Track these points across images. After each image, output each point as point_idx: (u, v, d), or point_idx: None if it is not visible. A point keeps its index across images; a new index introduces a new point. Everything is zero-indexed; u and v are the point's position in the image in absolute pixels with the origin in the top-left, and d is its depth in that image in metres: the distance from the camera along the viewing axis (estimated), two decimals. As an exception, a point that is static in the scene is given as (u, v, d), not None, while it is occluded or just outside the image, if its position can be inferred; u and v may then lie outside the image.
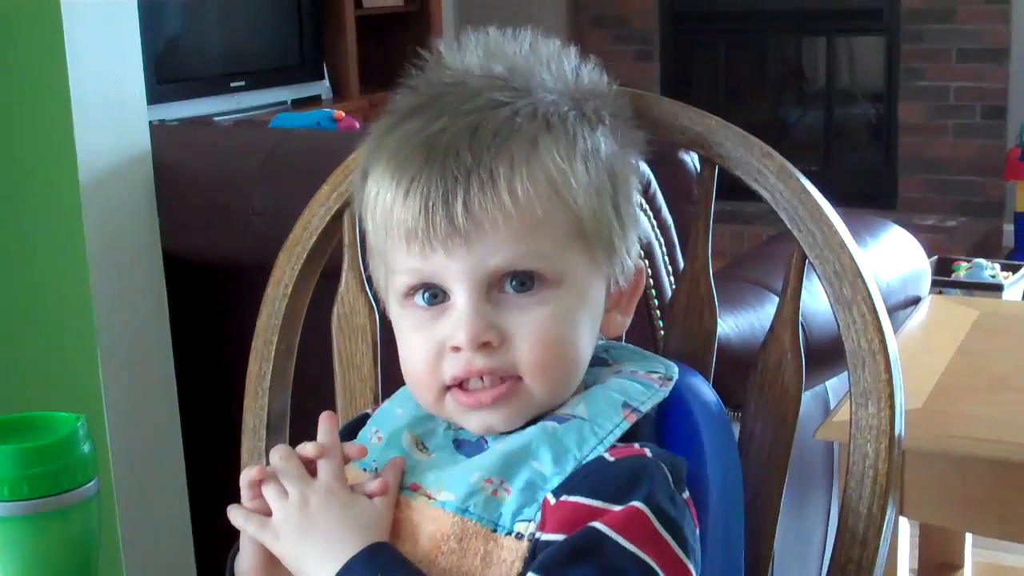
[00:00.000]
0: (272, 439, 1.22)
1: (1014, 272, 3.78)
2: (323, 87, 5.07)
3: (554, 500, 0.89)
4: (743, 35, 5.86)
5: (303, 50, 5.01)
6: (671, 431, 0.99)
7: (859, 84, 5.77)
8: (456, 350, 0.93)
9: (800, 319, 1.09)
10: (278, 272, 1.22)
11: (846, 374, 2.08)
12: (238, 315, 1.48)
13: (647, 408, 0.96)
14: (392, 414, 1.02)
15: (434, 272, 0.93)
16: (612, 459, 0.91)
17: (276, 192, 1.83)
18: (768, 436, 1.08)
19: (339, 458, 0.94)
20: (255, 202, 1.84)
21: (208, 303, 2.02)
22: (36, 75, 1.76)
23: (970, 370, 1.91)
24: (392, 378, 1.06)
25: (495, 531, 0.90)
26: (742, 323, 1.83)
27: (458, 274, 0.92)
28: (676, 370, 1.01)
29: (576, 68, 1.00)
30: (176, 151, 1.96)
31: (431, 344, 0.94)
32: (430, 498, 0.93)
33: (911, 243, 2.39)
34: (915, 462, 1.68)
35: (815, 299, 1.26)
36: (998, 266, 3.82)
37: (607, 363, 1.02)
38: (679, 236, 1.81)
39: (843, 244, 1.03)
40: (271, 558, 0.93)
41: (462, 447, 0.97)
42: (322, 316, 1.25)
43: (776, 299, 1.93)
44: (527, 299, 0.93)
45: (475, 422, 0.95)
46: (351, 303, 1.22)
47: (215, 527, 1.07)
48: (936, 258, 3.70)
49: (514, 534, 0.89)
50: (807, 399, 1.09)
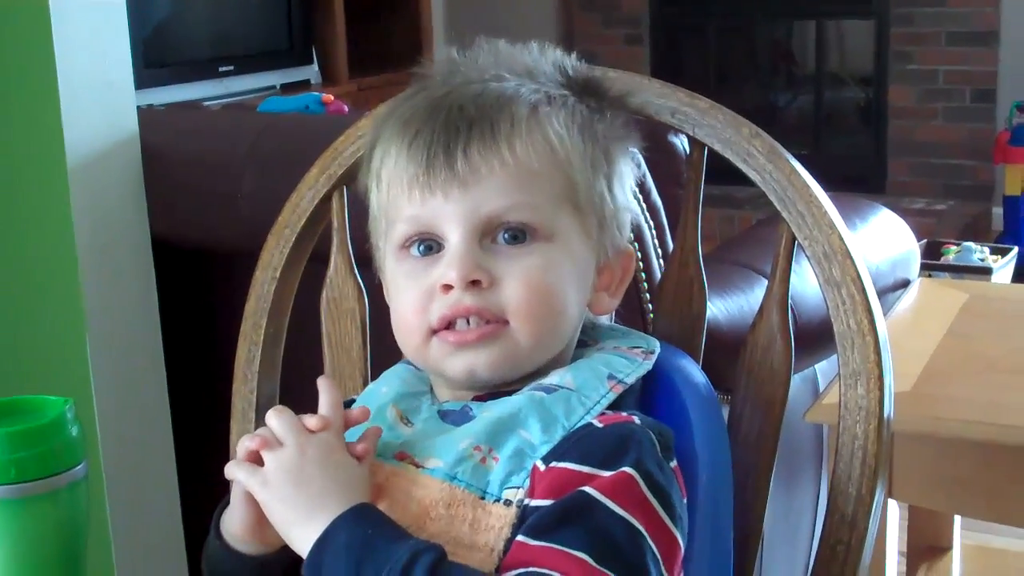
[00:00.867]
0: (261, 423, 1.22)
1: (1003, 255, 3.78)
2: (312, 71, 5.06)
3: (543, 467, 0.91)
4: (733, 19, 5.85)
5: (292, 34, 4.99)
6: (660, 412, 0.99)
7: (848, 68, 5.77)
8: (446, 289, 0.95)
9: (789, 301, 1.09)
10: (266, 255, 1.22)
11: (835, 356, 2.09)
12: (226, 298, 1.47)
13: (631, 380, 0.98)
14: (377, 392, 1.03)
15: (431, 218, 0.96)
16: (601, 425, 0.93)
17: (264, 176, 1.83)
18: (757, 418, 1.08)
19: (340, 421, 0.94)
20: (243, 186, 1.84)
21: (196, 286, 2.02)
22: (23, 59, 1.75)
23: (959, 353, 1.91)
24: (381, 361, 1.06)
25: (483, 498, 0.91)
26: (731, 306, 1.84)
27: (454, 217, 0.95)
28: (657, 344, 1.03)
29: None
30: (164, 135, 1.96)
31: (422, 288, 0.97)
32: (418, 467, 0.94)
33: (900, 226, 2.39)
34: (904, 444, 1.68)
35: (804, 281, 1.26)
36: (987, 249, 3.82)
37: (588, 344, 1.04)
38: (668, 219, 1.81)
39: (832, 224, 1.03)
40: (261, 518, 0.93)
41: (447, 417, 0.98)
42: (311, 300, 1.24)
43: (765, 281, 1.94)
44: (518, 249, 0.96)
45: (459, 365, 0.97)
46: (340, 286, 1.22)
47: (204, 510, 1.07)
48: (925, 241, 3.70)
49: (502, 501, 0.90)
50: (796, 382, 1.09)
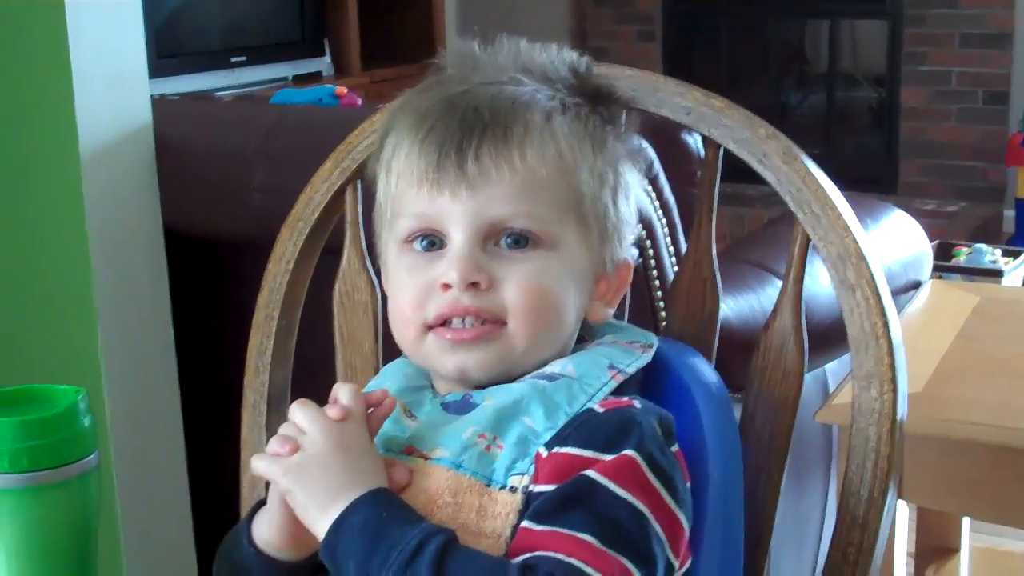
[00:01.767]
0: (272, 415, 1.22)
1: (1014, 258, 3.77)
2: (324, 63, 5.05)
3: (546, 452, 0.91)
4: (746, 17, 5.84)
5: (304, 26, 4.99)
6: (671, 410, 0.99)
7: (861, 68, 5.76)
8: (446, 288, 0.96)
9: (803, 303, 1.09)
10: (280, 248, 1.22)
11: (846, 357, 2.09)
12: (237, 290, 1.47)
13: (632, 370, 0.99)
14: (379, 388, 1.03)
15: (437, 216, 0.97)
16: (601, 411, 0.93)
17: (277, 168, 1.83)
18: (769, 418, 1.08)
19: (361, 409, 0.95)
20: (256, 177, 1.84)
21: (207, 278, 2.02)
22: (37, 48, 1.75)
23: (970, 355, 1.91)
24: (393, 354, 1.06)
25: (489, 485, 0.91)
26: (743, 305, 1.83)
27: (459, 218, 0.96)
28: (655, 339, 1.04)
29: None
30: (177, 125, 1.96)
31: (422, 283, 0.98)
32: (425, 458, 0.94)
33: (913, 227, 2.38)
34: (914, 446, 1.67)
35: (815, 281, 1.26)
36: (998, 252, 3.81)
37: (585, 339, 1.05)
38: (680, 217, 1.80)
39: (847, 227, 1.03)
40: (296, 521, 0.92)
41: (449, 408, 0.98)
42: (323, 293, 1.24)
43: (777, 281, 1.95)
44: (520, 254, 0.97)
45: (451, 363, 0.97)
46: (353, 280, 1.21)
47: (214, 501, 1.07)
48: (936, 243, 3.69)
49: (507, 488, 0.91)
50: (806, 381, 1.09)
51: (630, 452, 0.90)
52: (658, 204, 1.74)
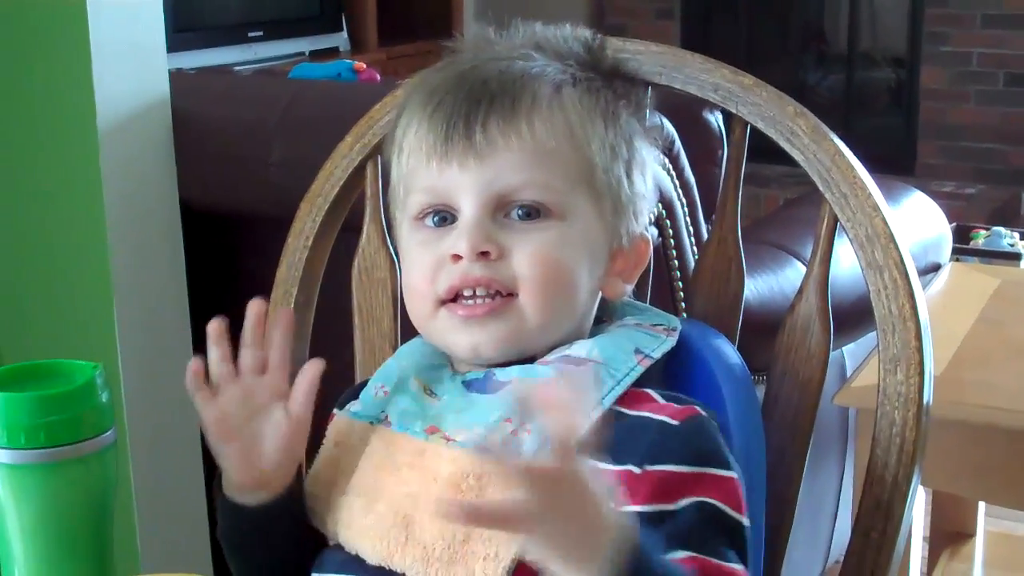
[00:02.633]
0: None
1: (1033, 241, 3.75)
2: (341, 39, 5.03)
3: (638, 471, 0.89)
4: (765, -5, 5.81)
5: (322, 1, 4.98)
6: (694, 392, 0.99)
7: (881, 48, 5.71)
8: (456, 259, 0.96)
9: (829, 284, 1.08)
10: (299, 223, 1.21)
11: (863, 339, 2.07)
12: (254, 265, 1.46)
13: (658, 355, 0.98)
14: (396, 368, 1.03)
15: (447, 188, 0.97)
16: (677, 423, 0.92)
17: (295, 143, 1.82)
18: (793, 400, 1.07)
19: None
20: (273, 152, 1.83)
21: (224, 253, 2.01)
22: (56, 22, 1.74)
23: (990, 338, 1.90)
24: (412, 332, 1.05)
25: None
26: (762, 286, 1.82)
27: (468, 188, 0.96)
28: (678, 322, 1.03)
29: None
30: (195, 99, 1.95)
31: (433, 256, 0.97)
32: (448, 440, 0.94)
33: (933, 209, 2.37)
34: (932, 429, 1.66)
35: (835, 262, 1.25)
36: (1017, 235, 3.79)
37: (604, 320, 1.04)
38: (701, 196, 1.79)
39: (876, 207, 1.02)
40: (248, 452, 0.96)
41: (471, 386, 0.97)
42: (342, 270, 1.23)
43: (796, 262, 1.94)
44: (531, 225, 0.97)
45: (464, 340, 0.97)
46: (372, 256, 1.21)
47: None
48: (955, 225, 3.67)
49: None
50: (823, 364, 1.08)
51: (732, 474, 0.91)
52: (678, 183, 1.73)
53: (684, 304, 1.54)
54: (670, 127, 1.70)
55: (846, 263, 1.12)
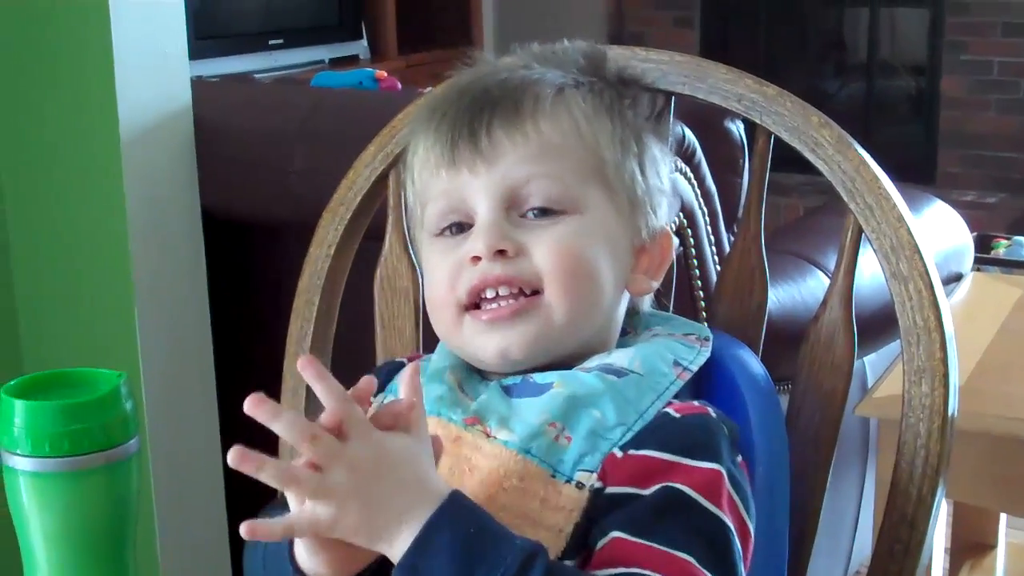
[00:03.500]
0: (312, 400, 1.21)
1: (1054, 251, 3.73)
2: (361, 47, 5.04)
3: (620, 455, 0.89)
4: (784, 3, 5.79)
5: (342, 9, 4.98)
6: (718, 402, 0.98)
7: (901, 56, 5.70)
8: (475, 261, 0.96)
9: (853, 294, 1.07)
10: (321, 232, 1.21)
11: (884, 349, 2.06)
12: (275, 274, 1.47)
13: (695, 367, 0.98)
14: (427, 363, 1.02)
15: (459, 195, 0.97)
16: (678, 415, 0.92)
17: (316, 151, 1.82)
18: (816, 411, 1.06)
19: (358, 410, 0.82)
20: (295, 161, 1.83)
21: (246, 261, 2.01)
22: (79, 29, 1.75)
23: (1013, 349, 1.89)
24: (432, 341, 1.05)
25: (554, 476, 0.89)
26: (783, 295, 1.82)
27: (480, 191, 0.96)
28: (707, 330, 1.03)
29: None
30: (217, 107, 1.95)
31: (453, 261, 0.97)
32: (488, 435, 0.92)
33: (954, 219, 2.36)
34: (954, 440, 1.66)
35: (857, 272, 1.24)
36: (1038, 244, 3.78)
37: (628, 332, 1.03)
38: (722, 206, 1.79)
39: (901, 218, 1.01)
40: (346, 554, 0.84)
41: (512, 391, 0.96)
42: (364, 278, 1.23)
43: (817, 272, 1.93)
44: (548, 221, 0.97)
45: (491, 345, 0.96)
46: (394, 265, 1.21)
47: (248, 488, 1.06)
48: (975, 235, 3.65)
49: (574, 483, 0.89)
50: (846, 375, 1.08)
51: (717, 467, 0.88)
52: (699, 192, 1.72)
53: (706, 314, 1.54)
54: (691, 136, 1.69)
55: (868, 273, 1.12)
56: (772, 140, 1.08)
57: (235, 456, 0.78)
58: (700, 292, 1.71)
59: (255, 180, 1.89)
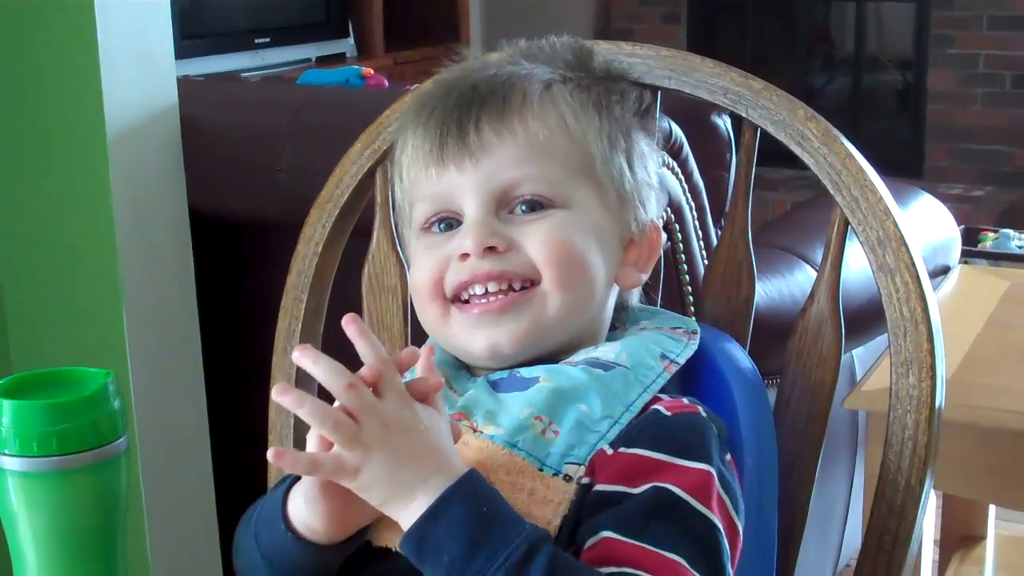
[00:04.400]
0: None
1: (1041, 243, 3.74)
2: (348, 45, 5.04)
3: (611, 451, 0.90)
4: (771, -1, 5.80)
5: (328, 7, 4.97)
6: (706, 396, 0.98)
7: (888, 51, 5.71)
8: (464, 258, 0.96)
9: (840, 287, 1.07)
10: (309, 229, 1.21)
11: (872, 342, 2.07)
12: (263, 272, 1.47)
13: (683, 360, 0.98)
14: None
15: (447, 193, 0.97)
16: (669, 413, 0.92)
17: (304, 149, 1.82)
18: (805, 404, 1.06)
19: (397, 373, 0.86)
20: (282, 159, 1.83)
21: (233, 259, 2.01)
22: (65, 28, 1.75)
23: (1000, 341, 1.89)
24: (420, 338, 1.05)
25: (541, 470, 0.90)
26: (771, 289, 1.82)
27: (469, 189, 0.96)
28: (695, 324, 1.03)
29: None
30: (203, 106, 1.95)
31: (441, 257, 0.97)
32: (475, 430, 0.93)
33: (942, 212, 2.37)
34: (942, 432, 1.66)
35: (844, 265, 1.25)
36: (1025, 237, 3.79)
37: (616, 327, 1.04)
38: (709, 200, 1.79)
39: (887, 210, 1.02)
40: (344, 507, 0.86)
41: (499, 386, 0.96)
42: (352, 276, 1.23)
43: (805, 266, 1.94)
44: (536, 215, 0.97)
45: (480, 339, 0.96)
46: (382, 262, 1.20)
47: (238, 485, 1.06)
48: (963, 228, 3.66)
49: (562, 475, 0.89)
50: (833, 367, 1.08)
51: (708, 467, 0.88)
52: (687, 187, 1.72)
53: (693, 308, 1.54)
54: (678, 131, 1.70)
55: (855, 266, 1.12)
56: (759, 134, 1.08)
57: (279, 389, 0.82)
58: (688, 287, 1.71)
59: (242, 178, 1.89)
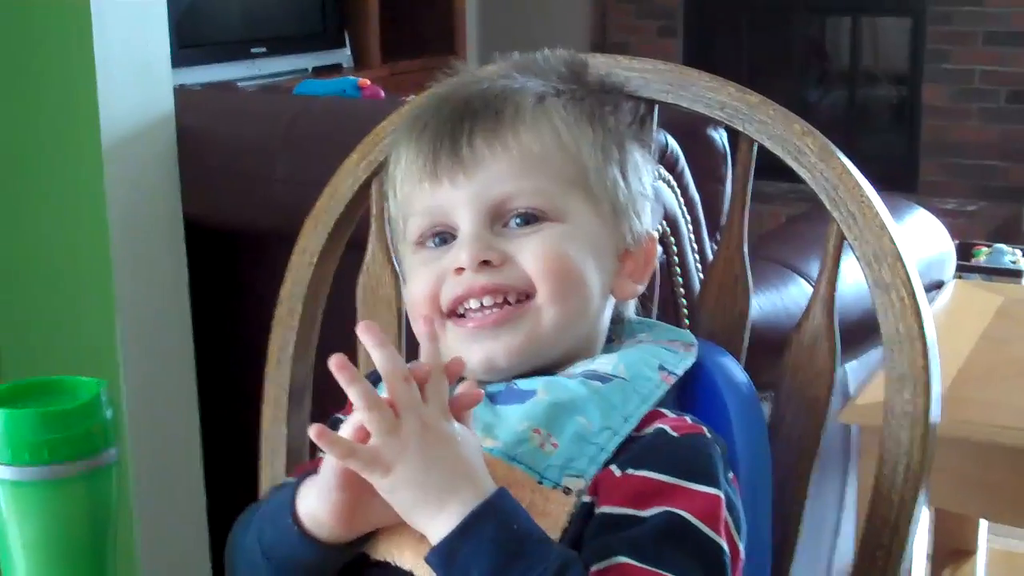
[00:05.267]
0: (293, 410, 1.21)
1: (1035, 258, 3.75)
2: (344, 55, 5.04)
3: (619, 472, 0.89)
4: (767, 13, 5.81)
5: (325, 17, 4.98)
6: (701, 410, 0.98)
7: (883, 65, 5.72)
8: (459, 272, 0.95)
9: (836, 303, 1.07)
10: (303, 240, 1.21)
11: (866, 356, 2.07)
12: (258, 282, 1.46)
13: (680, 371, 0.98)
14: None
15: (441, 207, 0.97)
16: (676, 435, 0.92)
17: (299, 160, 1.82)
18: (799, 419, 1.06)
19: (445, 382, 0.87)
20: (278, 169, 1.83)
21: (228, 269, 2.01)
22: (61, 37, 1.74)
23: (994, 357, 1.89)
24: (414, 349, 1.04)
25: (540, 483, 0.89)
26: (766, 303, 1.82)
27: (463, 203, 0.96)
28: (692, 336, 1.03)
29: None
30: (199, 115, 1.95)
31: (436, 271, 0.97)
32: None
33: (936, 227, 2.37)
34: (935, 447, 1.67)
35: (839, 279, 1.25)
36: (1019, 252, 3.79)
37: (612, 340, 1.03)
38: (705, 214, 1.79)
39: (883, 226, 1.02)
40: (356, 502, 0.87)
41: (496, 399, 0.96)
42: (346, 287, 1.23)
43: (800, 280, 1.94)
44: (530, 229, 0.96)
45: (476, 353, 0.96)
46: (377, 274, 1.20)
47: (229, 496, 1.06)
48: (957, 243, 3.67)
49: (561, 488, 0.89)
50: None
51: (716, 492, 0.89)
52: (683, 201, 1.72)
53: (688, 322, 1.54)
54: (675, 144, 1.70)
55: (850, 280, 1.12)
56: (755, 148, 1.08)
57: (338, 362, 0.83)
58: (683, 300, 1.71)
59: (238, 188, 1.89)
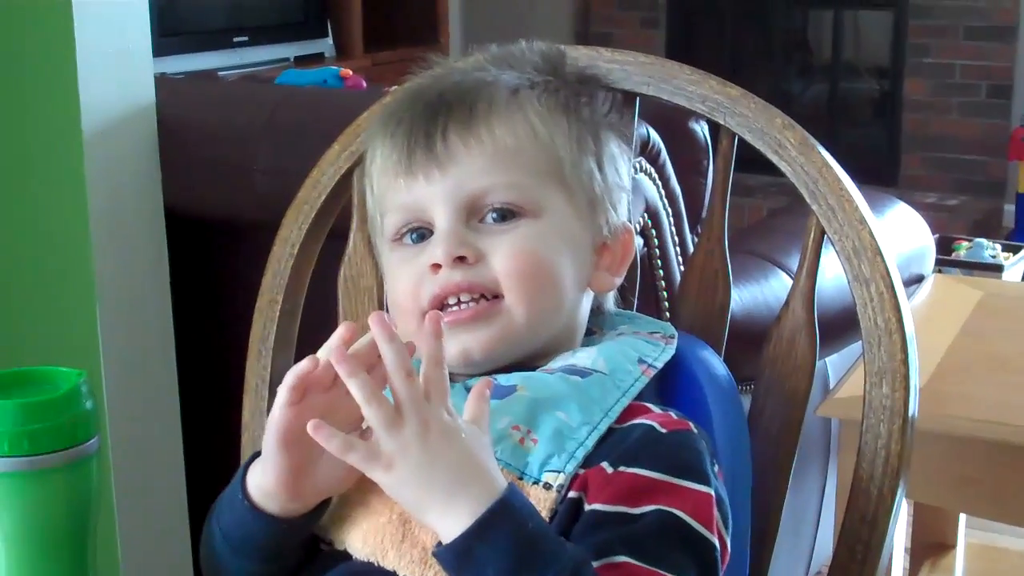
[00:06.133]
0: (274, 400, 1.20)
1: (1014, 253, 3.76)
2: (326, 45, 5.03)
3: (610, 470, 0.89)
4: (750, 5, 5.82)
5: (307, 7, 4.97)
6: (680, 403, 0.99)
7: (865, 59, 5.73)
8: (435, 269, 0.96)
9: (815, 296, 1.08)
10: (285, 231, 1.21)
11: (846, 350, 2.08)
12: (239, 272, 1.46)
13: (660, 364, 0.98)
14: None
15: (417, 203, 0.97)
16: (664, 431, 0.92)
17: (281, 150, 1.81)
18: (779, 412, 1.07)
19: (448, 382, 0.86)
20: (259, 159, 1.82)
21: (209, 259, 2.00)
22: (42, 25, 1.74)
23: (973, 351, 1.90)
24: (399, 341, 1.05)
25: (521, 479, 0.90)
26: (746, 296, 1.82)
27: (438, 199, 0.97)
28: (672, 328, 1.04)
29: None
30: (181, 105, 1.94)
31: (414, 270, 0.97)
32: None
33: (916, 221, 2.38)
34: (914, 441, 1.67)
35: (819, 273, 1.25)
36: (999, 246, 3.80)
37: (594, 332, 1.04)
38: (685, 206, 1.79)
39: (863, 220, 1.02)
40: (297, 469, 0.88)
41: None
42: (327, 277, 1.23)
43: (780, 273, 1.94)
44: (506, 226, 0.97)
45: (452, 347, 0.95)
46: (358, 265, 1.20)
47: (210, 486, 1.06)
48: (937, 237, 3.68)
49: (542, 483, 0.89)
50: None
51: (707, 490, 0.89)
52: (664, 193, 1.73)
53: (669, 314, 1.54)
54: (656, 137, 1.70)
55: (831, 274, 1.12)
56: (736, 141, 1.08)
57: (338, 355, 0.83)
58: (664, 293, 1.72)
59: (219, 178, 1.89)
